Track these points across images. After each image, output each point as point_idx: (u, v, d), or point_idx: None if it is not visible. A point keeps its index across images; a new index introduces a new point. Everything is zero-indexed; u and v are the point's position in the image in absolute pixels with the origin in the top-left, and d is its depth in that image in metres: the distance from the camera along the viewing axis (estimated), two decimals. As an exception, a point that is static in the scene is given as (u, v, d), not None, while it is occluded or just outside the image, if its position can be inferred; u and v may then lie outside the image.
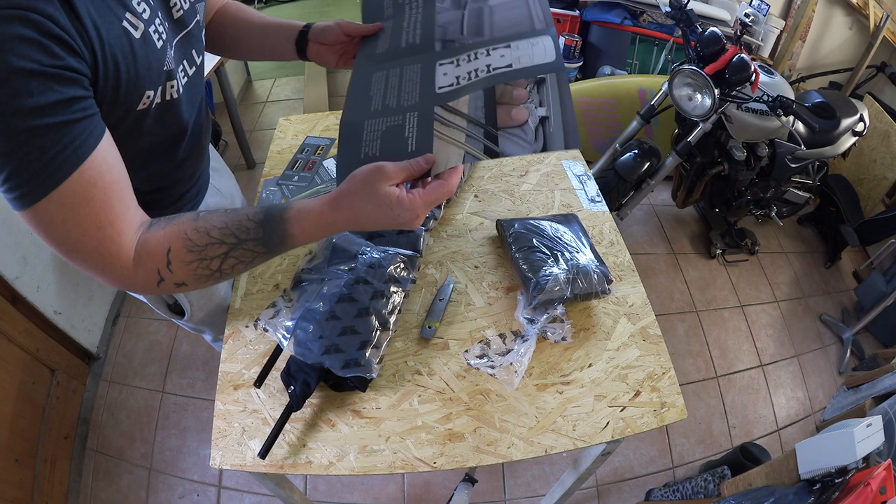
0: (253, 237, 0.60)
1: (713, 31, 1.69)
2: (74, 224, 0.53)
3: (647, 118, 1.94)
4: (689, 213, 2.57)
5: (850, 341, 2.14)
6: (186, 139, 0.78)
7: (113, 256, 0.56)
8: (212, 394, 0.80)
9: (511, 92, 0.60)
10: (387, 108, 0.63)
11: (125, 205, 0.57)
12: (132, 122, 0.62)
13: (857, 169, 2.54)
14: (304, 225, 0.60)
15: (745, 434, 1.85)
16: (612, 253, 1.03)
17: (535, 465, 1.67)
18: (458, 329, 0.89)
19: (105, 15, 0.53)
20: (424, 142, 0.59)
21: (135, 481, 1.60)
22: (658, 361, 0.87)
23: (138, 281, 0.59)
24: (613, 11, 2.54)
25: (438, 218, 1.04)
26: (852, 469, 1.13)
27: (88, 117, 0.52)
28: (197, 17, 0.72)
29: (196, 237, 0.59)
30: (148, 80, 0.60)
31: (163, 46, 0.62)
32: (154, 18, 0.61)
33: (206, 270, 0.60)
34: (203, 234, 0.59)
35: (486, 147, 0.58)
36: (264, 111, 3.12)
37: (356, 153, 0.61)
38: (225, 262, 0.60)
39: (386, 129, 0.61)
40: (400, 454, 0.75)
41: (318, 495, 1.59)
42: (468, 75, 0.61)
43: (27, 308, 1.51)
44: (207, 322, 1.07)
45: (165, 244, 0.58)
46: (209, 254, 0.59)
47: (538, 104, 0.59)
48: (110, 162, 0.55)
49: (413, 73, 0.65)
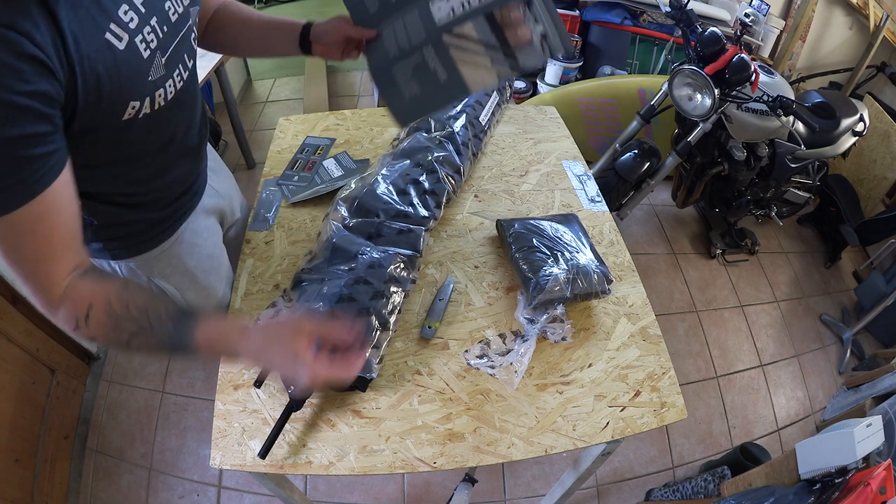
0: (163, 330, 0.61)
1: (713, 31, 1.69)
2: (15, 250, 0.56)
3: (647, 118, 1.94)
4: (689, 213, 2.57)
5: (850, 341, 2.14)
6: (177, 144, 0.78)
7: (42, 288, 0.59)
8: (212, 394, 0.80)
9: (510, 14, 0.66)
10: (403, 51, 0.72)
11: (65, 246, 0.59)
12: (117, 131, 0.62)
13: (857, 169, 2.54)
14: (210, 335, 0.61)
15: (745, 434, 1.85)
16: (612, 253, 1.03)
17: (535, 465, 1.67)
18: (458, 329, 0.89)
19: (87, 27, 0.53)
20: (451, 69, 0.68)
21: (135, 481, 1.60)
22: (658, 361, 0.87)
23: (59, 318, 0.61)
24: (613, 11, 2.54)
25: (438, 218, 1.04)
26: (852, 469, 1.13)
27: (49, 154, 0.52)
28: (189, 20, 0.72)
29: (117, 306, 0.60)
30: (132, 90, 0.60)
31: (150, 56, 0.62)
32: (143, 27, 0.60)
33: (116, 338, 0.61)
34: (123, 305, 0.60)
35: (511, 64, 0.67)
36: (264, 111, 3.12)
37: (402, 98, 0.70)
38: (133, 339, 0.61)
39: (413, 70, 0.70)
40: (400, 454, 0.75)
41: (318, 495, 1.59)
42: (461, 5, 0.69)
43: (27, 308, 1.51)
44: None
45: (88, 300, 0.60)
46: (123, 325, 0.60)
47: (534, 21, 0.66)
48: (61, 201, 0.56)
49: (413, 17, 0.72)
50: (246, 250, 1.00)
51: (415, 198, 1.01)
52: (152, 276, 0.92)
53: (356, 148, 1.23)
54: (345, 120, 1.31)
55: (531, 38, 0.66)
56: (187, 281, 0.95)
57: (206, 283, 0.98)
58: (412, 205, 1.00)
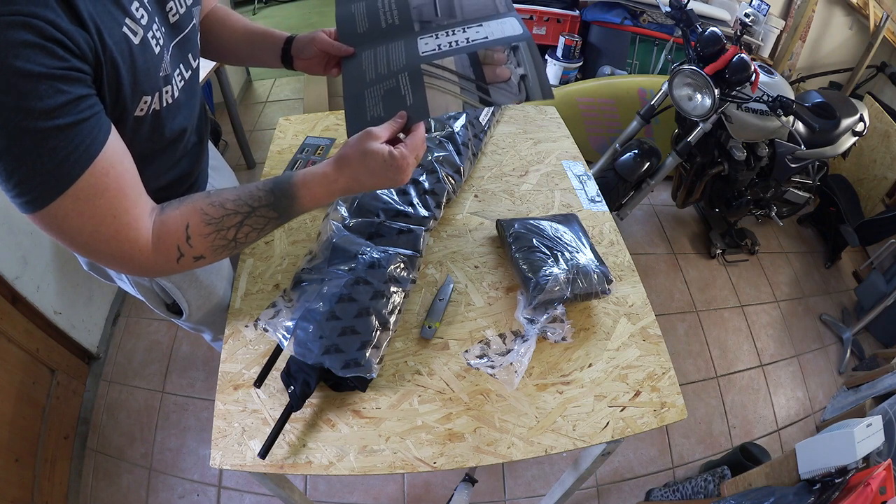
0: (265, 203, 0.65)
1: (713, 31, 1.69)
2: (91, 216, 0.54)
3: (647, 118, 1.94)
4: (689, 213, 2.57)
5: (850, 341, 2.14)
6: (183, 142, 0.78)
7: (132, 242, 0.58)
8: (212, 394, 0.80)
9: (493, 55, 0.68)
10: (380, 75, 0.72)
11: (137, 192, 0.59)
12: (129, 129, 0.63)
13: (857, 169, 2.54)
14: (311, 187, 0.66)
15: (745, 434, 1.85)
16: (612, 253, 1.03)
17: (535, 465, 1.67)
18: (458, 329, 0.89)
19: (106, 19, 0.54)
20: (418, 92, 0.68)
21: (135, 481, 1.60)
22: (658, 361, 0.87)
23: (158, 261, 0.61)
24: (613, 11, 2.54)
25: (438, 218, 1.04)
26: (852, 469, 1.13)
27: (96, 115, 0.53)
28: (193, 20, 0.72)
29: (212, 211, 0.63)
30: (147, 85, 0.61)
31: (160, 52, 0.63)
32: (152, 24, 0.61)
33: (222, 241, 0.64)
34: (218, 208, 0.63)
35: (481, 97, 0.67)
36: (264, 111, 3.12)
37: (363, 117, 0.70)
38: (240, 231, 0.64)
39: (384, 93, 0.70)
40: (400, 454, 0.75)
41: (318, 495, 1.59)
42: (449, 45, 0.70)
43: (27, 308, 1.51)
44: (207, 321, 1.06)
45: (184, 220, 0.62)
46: (225, 224, 0.63)
47: (516, 65, 0.67)
48: (120, 154, 0.57)
49: (397, 47, 0.74)
50: (246, 250, 1.00)
51: (415, 198, 1.01)
52: None
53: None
54: (345, 120, 1.31)
55: (509, 77, 0.67)
56: (188, 280, 0.95)
57: (207, 281, 0.98)
58: (412, 205, 1.00)
